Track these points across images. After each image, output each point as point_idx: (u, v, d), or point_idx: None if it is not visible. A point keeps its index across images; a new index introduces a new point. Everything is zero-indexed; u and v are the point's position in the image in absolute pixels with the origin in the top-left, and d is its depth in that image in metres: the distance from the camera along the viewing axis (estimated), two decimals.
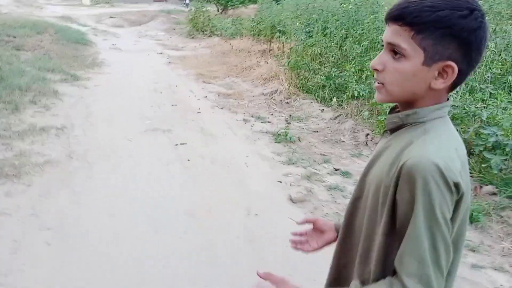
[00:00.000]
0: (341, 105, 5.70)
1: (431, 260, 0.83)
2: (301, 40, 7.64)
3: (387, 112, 1.02)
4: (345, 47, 6.68)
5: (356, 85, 5.21)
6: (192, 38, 13.76)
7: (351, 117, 5.33)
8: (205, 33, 14.01)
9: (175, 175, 3.89)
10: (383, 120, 4.53)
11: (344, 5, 8.48)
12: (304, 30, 8.06)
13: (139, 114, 5.68)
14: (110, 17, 17.04)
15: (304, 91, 6.63)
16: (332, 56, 6.82)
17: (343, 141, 4.86)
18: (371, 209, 0.94)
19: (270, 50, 10.35)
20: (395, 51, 0.89)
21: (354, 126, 5.06)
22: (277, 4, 13.73)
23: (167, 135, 4.94)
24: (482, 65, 4.89)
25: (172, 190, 3.58)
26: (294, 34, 8.33)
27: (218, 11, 18.32)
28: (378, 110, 4.89)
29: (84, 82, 7.06)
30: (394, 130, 0.97)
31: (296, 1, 12.19)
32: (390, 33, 0.90)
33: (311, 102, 6.23)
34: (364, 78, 5.63)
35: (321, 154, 4.52)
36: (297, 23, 7.90)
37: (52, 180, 3.58)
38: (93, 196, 3.39)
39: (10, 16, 12.40)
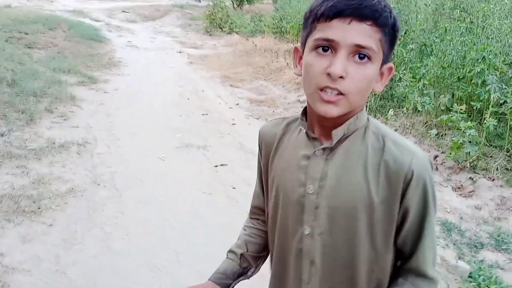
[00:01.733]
0: (393, 119, 5.03)
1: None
2: None
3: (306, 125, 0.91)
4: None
5: (419, 97, 4.51)
6: (210, 35, 13.11)
7: (410, 133, 4.66)
8: (223, 30, 13.33)
9: (222, 211, 3.25)
10: (457, 142, 3.86)
11: None
12: None
13: (167, 124, 5.05)
14: (123, 11, 16.42)
15: None
16: None
17: None
18: (348, 236, 0.84)
19: None
20: (359, 55, 0.76)
21: (417, 145, 4.38)
22: None
23: (202, 153, 4.31)
24: None
25: (221, 234, 2.92)
26: None
27: (233, 6, 17.62)
28: (448, 127, 4.23)
29: (103, 85, 6.44)
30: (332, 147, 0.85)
31: None
32: (358, 33, 0.75)
33: None
34: (419, 88, 4.94)
35: None
36: None
37: (77, 217, 2.96)
38: (127, 241, 2.77)
39: (21, 10, 11.78)
